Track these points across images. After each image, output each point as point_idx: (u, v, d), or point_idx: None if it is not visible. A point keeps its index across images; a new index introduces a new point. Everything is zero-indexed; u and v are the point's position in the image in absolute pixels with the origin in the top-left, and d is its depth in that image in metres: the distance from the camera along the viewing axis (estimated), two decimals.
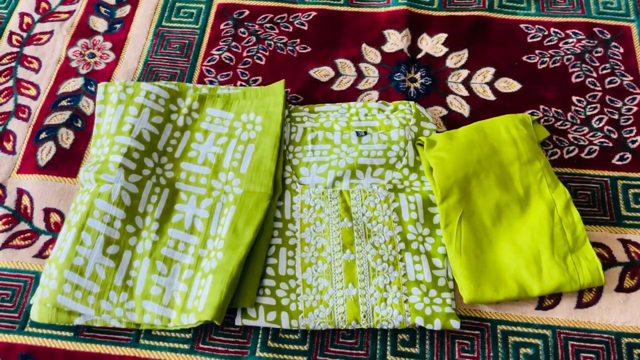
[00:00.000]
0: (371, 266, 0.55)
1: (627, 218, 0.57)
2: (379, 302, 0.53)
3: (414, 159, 0.61)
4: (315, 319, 0.53)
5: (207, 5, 0.73)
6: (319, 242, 0.57)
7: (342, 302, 0.53)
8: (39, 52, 0.70)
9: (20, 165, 0.62)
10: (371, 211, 0.58)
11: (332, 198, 0.59)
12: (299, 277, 0.55)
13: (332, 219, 0.58)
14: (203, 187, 0.58)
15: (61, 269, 0.51)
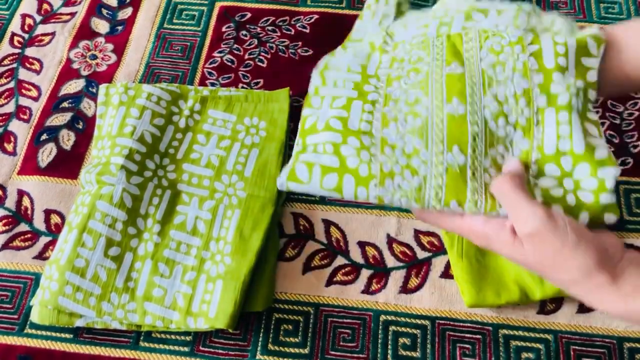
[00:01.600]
0: (489, 128, 0.38)
1: (630, 222, 0.57)
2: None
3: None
4: (394, 190, 0.37)
5: (209, 8, 0.73)
6: (411, 94, 0.40)
7: (441, 172, 0.37)
8: (41, 54, 0.70)
9: (20, 167, 0.62)
10: (495, 55, 0.40)
11: (436, 45, 0.41)
12: (376, 134, 0.39)
13: (434, 67, 0.40)
14: (205, 189, 0.58)
15: (62, 271, 0.51)
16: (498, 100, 0.38)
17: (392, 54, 0.43)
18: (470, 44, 0.40)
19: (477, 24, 0.41)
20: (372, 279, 0.55)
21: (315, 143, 0.40)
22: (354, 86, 0.41)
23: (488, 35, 0.40)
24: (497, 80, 0.39)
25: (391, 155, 0.38)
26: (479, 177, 0.37)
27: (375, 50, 0.44)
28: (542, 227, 0.35)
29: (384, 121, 0.39)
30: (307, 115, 0.42)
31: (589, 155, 0.37)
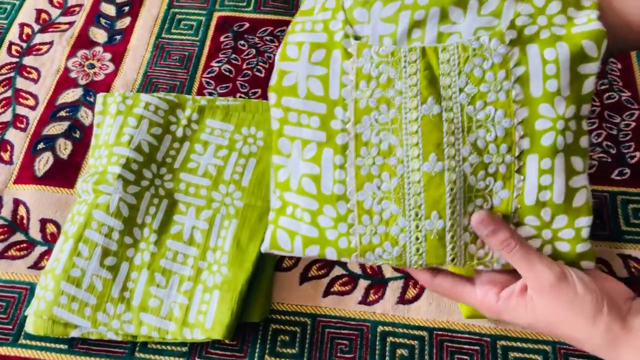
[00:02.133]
0: (468, 183, 0.36)
1: (627, 233, 0.57)
2: (473, 239, 0.37)
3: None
4: (375, 259, 0.38)
5: (207, 18, 0.73)
6: (384, 140, 0.37)
7: (420, 240, 0.36)
8: (39, 63, 0.70)
9: (17, 176, 0.62)
10: (475, 84, 0.36)
11: (408, 62, 0.36)
12: (352, 197, 0.37)
13: (408, 101, 0.36)
14: (203, 199, 0.57)
15: (58, 281, 0.51)
16: (478, 150, 0.35)
17: (357, 64, 0.37)
18: (447, 67, 0.36)
19: (455, 27, 0.36)
20: (369, 289, 0.55)
21: (293, 204, 0.39)
22: (320, 123, 0.38)
23: (468, 56, 0.35)
24: (476, 120, 0.35)
25: (369, 224, 0.37)
26: (457, 239, 0.37)
27: (335, 48, 0.38)
28: (556, 281, 0.36)
29: (358, 180, 0.37)
30: (279, 164, 0.40)
31: (568, 204, 0.36)
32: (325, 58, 0.38)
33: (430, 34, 0.36)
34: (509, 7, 0.36)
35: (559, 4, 0.36)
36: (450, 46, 0.36)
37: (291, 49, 0.39)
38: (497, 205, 0.36)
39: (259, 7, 0.74)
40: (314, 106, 0.38)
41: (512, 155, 0.35)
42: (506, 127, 0.35)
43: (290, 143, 0.39)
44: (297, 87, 0.38)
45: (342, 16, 0.38)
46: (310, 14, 0.40)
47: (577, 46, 0.35)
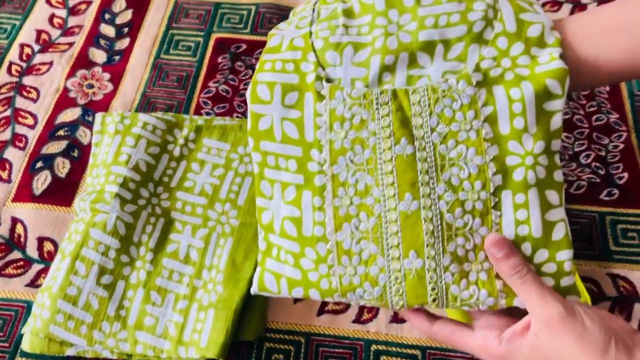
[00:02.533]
0: (446, 221, 0.36)
1: (616, 253, 0.58)
2: (456, 280, 0.36)
3: (513, 17, 0.37)
4: (357, 299, 0.38)
5: (205, 39, 0.75)
6: (360, 181, 0.37)
7: (400, 280, 0.36)
8: (38, 82, 0.71)
9: (15, 194, 0.63)
10: (446, 124, 0.37)
11: (380, 104, 0.37)
12: (331, 238, 0.38)
13: (381, 142, 0.37)
14: (199, 217, 0.58)
15: (54, 299, 0.51)
16: (452, 187, 0.36)
17: (330, 105, 0.37)
18: (418, 108, 0.36)
19: (423, 70, 0.37)
20: (363, 308, 0.56)
21: (277, 246, 0.40)
22: (298, 166, 0.38)
23: (438, 98, 0.36)
24: (449, 159, 0.36)
25: (348, 265, 0.37)
26: (438, 279, 0.36)
27: (307, 90, 0.38)
28: (566, 313, 0.35)
29: (336, 221, 0.37)
30: (263, 207, 0.41)
31: (548, 238, 0.37)
32: (299, 101, 0.39)
33: (400, 77, 0.37)
34: (474, 51, 0.37)
35: (522, 45, 0.37)
36: (420, 88, 0.37)
37: (262, 90, 0.39)
38: (479, 244, 0.36)
39: (255, 29, 0.75)
40: (290, 149, 0.39)
41: (487, 192, 0.36)
42: (479, 165, 0.36)
43: (270, 186, 0.40)
44: (273, 131, 0.39)
45: (313, 57, 0.39)
46: (278, 52, 0.41)
47: (541, 85, 0.36)
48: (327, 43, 0.38)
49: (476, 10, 0.37)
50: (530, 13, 0.38)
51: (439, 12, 0.37)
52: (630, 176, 0.63)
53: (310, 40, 0.39)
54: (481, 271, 0.37)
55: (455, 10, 0.37)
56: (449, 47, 0.37)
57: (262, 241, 0.42)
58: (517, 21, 0.37)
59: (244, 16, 0.77)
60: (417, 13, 0.38)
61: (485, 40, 0.37)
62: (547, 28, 0.37)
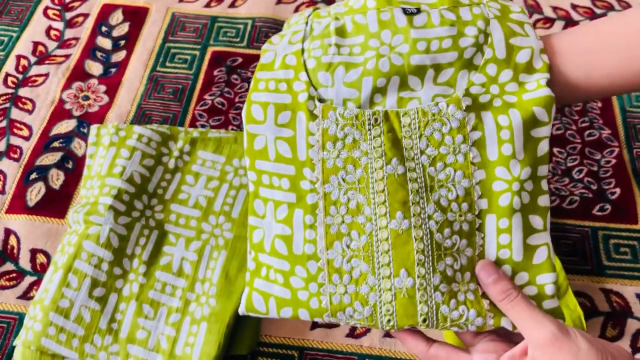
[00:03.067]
0: (435, 240, 0.36)
1: (609, 268, 0.59)
2: (446, 300, 0.36)
3: (504, 43, 0.38)
4: (347, 319, 0.37)
5: (202, 53, 0.75)
6: (352, 199, 0.37)
7: (390, 299, 0.36)
8: (34, 94, 0.71)
9: (9, 205, 0.63)
10: (435, 147, 0.37)
11: (372, 125, 0.38)
12: (322, 256, 0.37)
13: (373, 161, 0.37)
14: (192, 230, 0.58)
15: (46, 311, 0.51)
16: (442, 208, 0.36)
17: (322, 125, 0.38)
18: (409, 131, 0.37)
19: (414, 93, 0.38)
20: None
21: (267, 265, 0.39)
22: (290, 185, 0.38)
23: (428, 121, 0.37)
24: (438, 180, 0.37)
25: (339, 284, 0.36)
26: (429, 299, 0.36)
27: (299, 110, 0.39)
28: (559, 333, 0.35)
29: (328, 239, 0.37)
30: (254, 225, 0.41)
31: (528, 262, 0.37)
32: (291, 120, 0.39)
33: (390, 99, 0.38)
34: (463, 77, 0.38)
35: (510, 72, 0.38)
36: (411, 111, 0.37)
37: (256, 110, 0.40)
38: (464, 264, 0.36)
39: (252, 43, 0.76)
40: (283, 168, 0.39)
41: (473, 214, 0.36)
42: (465, 187, 0.37)
43: (264, 205, 0.40)
44: (267, 151, 0.39)
45: (305, 77, 0.39)
46: (271, 69, 0.41)
47: (528, 112, 0.37)
48: (319, 63, 0.39)
49: (468, 36, 0.38)
50: (520, 37, 0.39)
51: (431, 36, 0.38)
52: (622, 191, 0.63)
53: (302, 59, 0.40)
54: (468, 291, 0.37)
55: (447, 35, 0.38)
56: (440, 72, 0.38)
57: (251, 261, 0.41)
58: (507, 46, 0.38)
59: (240, 30, 0.77)
60: (410, 35, 0.38)
61: (475, 65, 0.38)
62: (536, 52, 0.38)
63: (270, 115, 0.39)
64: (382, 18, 0.39)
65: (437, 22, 0.38)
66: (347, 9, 0.40)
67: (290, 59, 0.40)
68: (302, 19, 0.43)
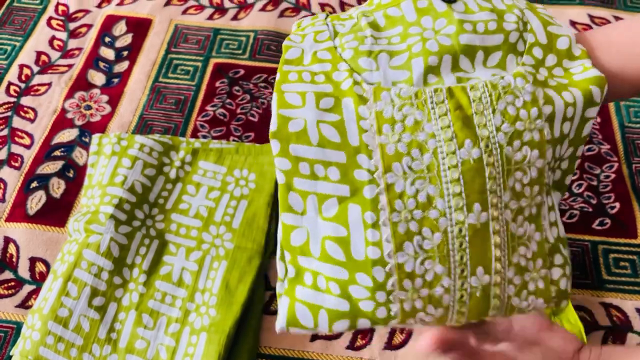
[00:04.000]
0: (510, 231, 0.32)
1: (608, 282, 0.59)
2: (518, 292, 0.33)
3: (543, 30, 0.37)
4: (414, 323, 0.33)
5: (204, 64, 0.76)
6: (421, 190, 0.32)
7: (465, 298, 0.32)
8: (36, 103, 0.72)
9: (9, 214, 0.62)
10: (511, 123, 0.32)
11: (436, 103, 0.33)
12: (390, 260, 0.32)
13: (443, 144, 0.32)
14: (193, 240, 0.58)
15: (45, 320, 0.51)
16: (516, 194, 0.32)
17: (375, 108, 0.33)
18: (480, 106, 0.32)
19: (468, 74, 0.34)
20: (357, 334, 0.55)
21: (313, 271, 0.34)
22: (341, 175, 0.33)
23: (500, 94, 0.33)
24: (515, 162, 0.32)
25: (411, 289, 0.32)
26: (502, 293, 0.33)
27: (345, 96, 0.34)
28: None
29: (396, 239, 0.31)
30: (291, 224, 0.34)
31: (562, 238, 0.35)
32: (336, 105, 0.33)
33: (448, 79, 0.34)
34: (512, 60, 0.35)
35: (554, 57, 0.36)
36: (480, 84, 0.33)
37: (292, 97, 0.34)
38: (535, 251, 0.33)
39: (254, 55, 0.76)
40: (331, 155, 0.33)
41: (542, 195, 0.33)
42: (539, 168, 0.32)
43: (303, 199, 0.34)
44: (307, 133, 0.33)
45: (345, 66, 0.35)
46: (301, 64, 0.36)
47: (587, 91, 0.34)
48: (358, 51, 0.34)
49: (509, 22, 0.35)
50: (555, 26, 0.37)
51: (475, 19, 0.35)
52: (621, 206, 0.63)
53: (337, 52, 0.35)
54: (539, 279, 0.33)
55: (491, 19, 0.35)
56: (489, 54, 0.35)
57: (288, 267, 0.35)
58: (547, 33, 0.36)
59: (243, 42, 0.78)
60: (454, 17, 0.35)
61: (519, 51, 0.35)
62: (573, 40, 0.37)
63: (310, 100, 0.34)
64: (420, 6, 0.36)
65: (477, 8, 0.35)
66: (374, 7, 0.37)
67: (323, 54, 0.36)
68: (319, 22, 0.39)
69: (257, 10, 0.81)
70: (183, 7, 0.82)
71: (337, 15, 0.39)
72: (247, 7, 0.82)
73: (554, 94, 0.34)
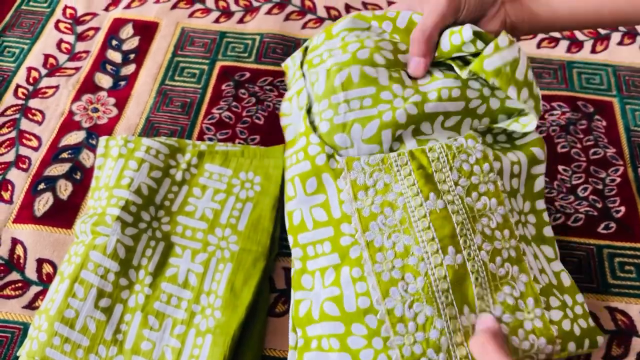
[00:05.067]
0: (490, 271, 0.35)
1: (614, 286, 0.59)
2: (513, 331, 0.35)
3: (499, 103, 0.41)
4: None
5: (210, 67, 0.76)
6: (398, 242, 0.36)
7: (461, 340, 0.34)
8: (44, 105, 0.72)
9: (16, 215, 0.63)
10: (466, 177, 0.37)
11: (400, 165, 0.38)
12: (379, 307, 0.35)
13: (410, 200, 0.37)
14: (199, 242, 0.58)
15: (52, 321, 0.51)
16: (487, 237, 0.35)
17: (350, 177, 0.37)
18: (439, 164, 0.37)
19: (428, 136, 0.39)
20: None
21: (317, 337, 0.37)
22: (332, 246, 0.37)
23: (454, 153, 0.38)
24: (477, 210, 0.36)
25: (405, 333, 0.33)
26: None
27: (322, 172, 0.39)
28: None
29: (383, 289, 0.34)
30: (300, 299, 0.39)
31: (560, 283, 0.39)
32: (319, 185, 0.39)
33: (410, 143, 0.39)
34: (467, 123, 0.40)
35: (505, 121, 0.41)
36: (436, 146, 0.38)
37: (289, 187, 0.42)
38: (523, 291, 0.35)
39: (260, 58, 0.77)
40: (323, 232, 0.38)
41: (515, 239, 0.36)
42: (502, 214, 0.36)
43: (312, 277, 0.39)
44: (305, 223, 0.40)
45: (316, 138, 0.40)
46: (293, 145, 0.43)
47: (530, 152, 0.40)
48: (333, 126, 0.39)
49: (473, 89, 0.40)
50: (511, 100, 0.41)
51: (440, 86, 0.39)
52: (627, 210, 0.63)
53: (308, 122, 0.41)
54: (535, 319, 0.35)
55: (455, 86, 0.39)
56: (448, 118, 0.39)
57: (299, 339, 0.39)
58: (501, 102, 0.41)
59: (249, 45, 0.78)
60: (419, 88, 0.40)
61: (478, 115, 0.40)
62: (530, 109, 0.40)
63: (298, 187, 0.40)
64: (393, 75, 0.40)
65: (441, 76, 0.40)
66: (349, 56, 0.40)
67: (301, 128, 0.42)
68: (299, 73, 0.43)
69: (263, 13, 0.82)
70: (189, 10, 0.82)
71: (310, 61, 0.43)
72: (253, 11, 0.82)
73: (500, 153, 0.39)
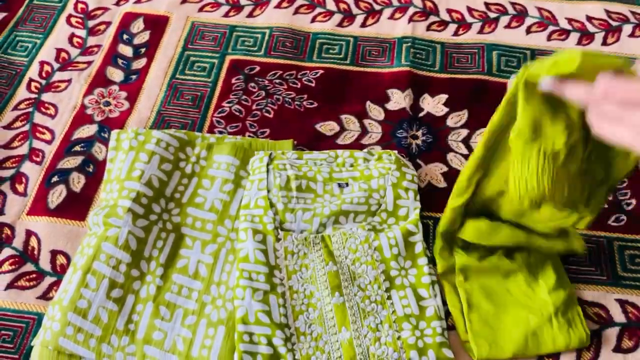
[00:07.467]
0: (361, 307, 0.55)
1: (624, 279, 0.58)
2: (373, 342, 0.53)
3: (392, 203, 0.61)
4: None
5: (220, 61, 0.76)
6: (307, 289, 0.56)
7: (338, 347, 0.53)
8: (56, 99, 0.73)
9: (30, 207, 0.64)
10: (353, 253, 0.58)
11: (315, 243, 0.59)
12: (292, 325, 0.54)
13: (317, 265, 0.57)
14: (208, 233, 0.59)
15: (65, 311, 0.52)
16: (362, 288, 0.56)
17: (284, 244, 0.58)
18: (337, 245, 0.59)
19: (342, 226, 0.60)
20: None
21: (250, 333, 0.53)
22: (265, 279, 0.56)
23: (347, 238, 0.59)
24: (357, 272, 0.57)
25: (305, 342, 0.54)
26: (361, 343, 0.53)
27: (268, 234, 0.58)
28: None
29: (294, 314, 0.55)
30: (237, 306, 0.54)
31: (423, 314, 0.56)
32: (263, 240, 0.58)
33: (328, 229, 0.61)
34: (365, 218, 0.61)
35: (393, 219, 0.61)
36: (337, 233, 0.60)
37: (242, 233, 0.59)
38: (383, 320, 0.55)
39: (269, 52, 0.77)
40: (260, 268, 0.56)
41: (382, 290, 0.56)
42: (375, 275, 0.57)
43: (243, 291, 0.55)
44: (248, 257, 0.57)
45: (272, 213, 0.60)
46: (248, 208, 0.60)
47: (405, 229, 0.60)
48: (286, 207, 0.61)
49: (374, 198, 0.62)
50: (403, 200, 0.62)
51: (353, 196, 0.61)
52: (638, 203, 0.63)
53: (268, 200, 0.60)
54: (388, 336, 0.54)
55: (363, 196, 0.61)
56: (356, 215, 0.61)
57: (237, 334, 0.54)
58: (395, 205, 0.62)
59: (258, 39, 0.79)
60: (342, 197, 0.62)
61: (372, 212, 0.61)
62: (410, 209, 0.62)
63: (249, 235, 0.58)
64: (326, 188, 0.63)
65: (357, 189, 0.62)
66: (302, 173, 0.63)
67: (260, 202, 0.61)
68: (264, 168, 0.62)
69: (273, 7, 0.82)
70: (200, 4, 0.83)
71: (277, 165, 0.63)
72: (263, 4, 0.83)
73: (382, 235, 0.59)
